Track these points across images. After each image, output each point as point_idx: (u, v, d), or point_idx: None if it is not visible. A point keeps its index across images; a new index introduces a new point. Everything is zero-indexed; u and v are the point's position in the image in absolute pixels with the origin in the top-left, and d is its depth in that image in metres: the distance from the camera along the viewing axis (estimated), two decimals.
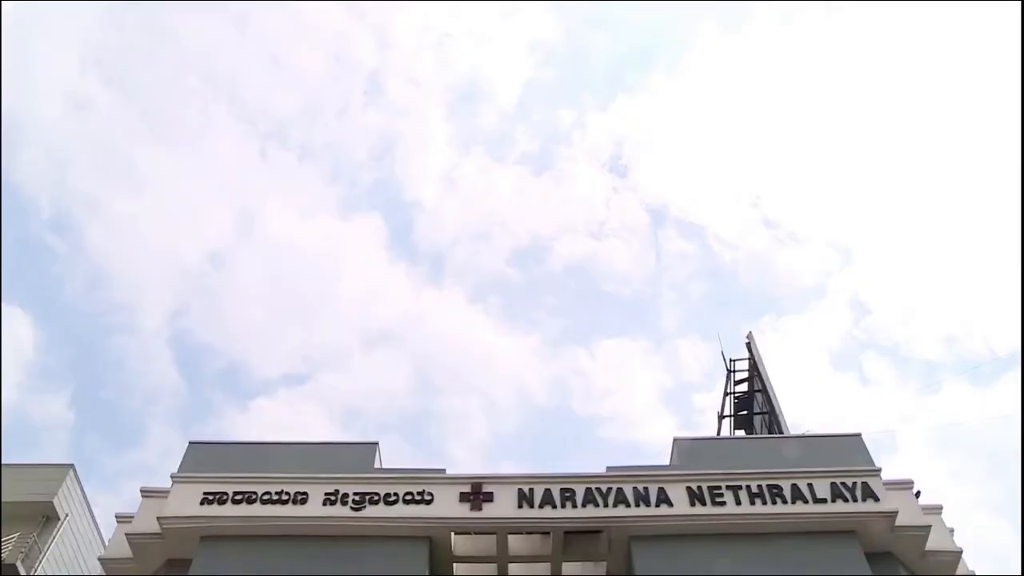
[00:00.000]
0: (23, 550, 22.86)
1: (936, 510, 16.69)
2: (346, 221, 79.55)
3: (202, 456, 16.77)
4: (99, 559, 16.86)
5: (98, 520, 26.64)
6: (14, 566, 22.35)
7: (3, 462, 23.72)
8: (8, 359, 57.85)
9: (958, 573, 15.96)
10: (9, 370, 58.39)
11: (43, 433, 67.34)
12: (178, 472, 16.24)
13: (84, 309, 73.33)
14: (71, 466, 25.16)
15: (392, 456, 17.53)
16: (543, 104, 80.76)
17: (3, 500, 22.67)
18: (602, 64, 77.74)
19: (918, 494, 16.44)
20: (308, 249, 71.86)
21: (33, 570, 22.97)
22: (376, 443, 17.16)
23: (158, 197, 66.44)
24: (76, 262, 71.71)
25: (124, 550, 15.86)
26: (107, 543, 17.75)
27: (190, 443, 17.17)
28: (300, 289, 73.99)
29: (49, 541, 23.75)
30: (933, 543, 15.62)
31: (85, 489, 25.88)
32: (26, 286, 64.64)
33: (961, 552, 16.09)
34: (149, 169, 66.00)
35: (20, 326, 62.64)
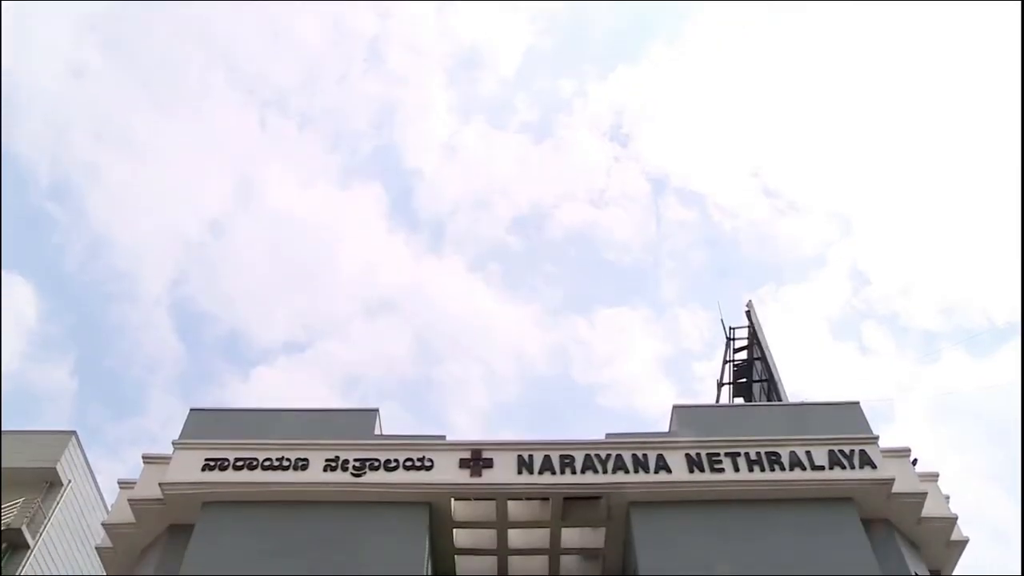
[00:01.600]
0: (28, 515, 23.12)
1: (932, 477, 16.80)
2: (346, 189, 79.39)
3: (203, 423, 16.83)
4: (102, 524, 16.96)
5: (101, 487, 26.92)
6: (19, 531, 22.62)
7: (7, 429, 23.91)
8: (10, 328, 58.05)
9: (953, 539, 16.13)
10: (11, 339, 58.61)
11: (46, 401, 67.78)
12: (179, 439, 16.29)
13: (85, 277, 73.49)
14: (73, 433, 25.38)
15: (392, 423, 17.58)
16: (544, 72, 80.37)
17: (7, 467, 22.90)
18: (603, 33, 77.13)
19: (915, 462, 16.53)
20: (308, 217, 71.82)
21: (38, 535, 23.23)
22: (376, 410, 17.19)
23: (157, 165, 66.37)
24: (76, 230, 71.71)
25: (127, 515, 15.99)
26: (110, 509, 17.85)
27: (191, 410, 17.22)
28: (300, 257, 74.07)
29: (53, 506, 24.02)
30: (929, 510, 15.74)
31: (88, 456, 26.11)
32: (27, 254, 64.68)
33: (956, 519, 16.23)
34: (148, 137, 65.85)
35: (22, 295, 62.82)
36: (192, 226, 72.03)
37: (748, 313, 26.93)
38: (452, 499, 15.49)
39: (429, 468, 15.50)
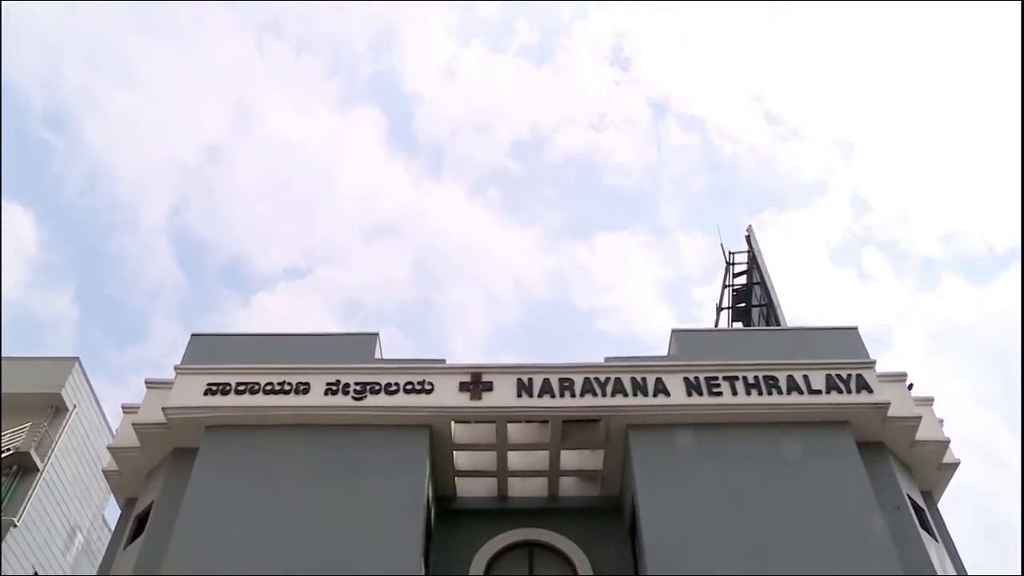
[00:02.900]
0: (35, 439, 23.42)
1: (927, 402, 16.98)
2: (345, 115, 78.52)
3: (205, 348, 16.91)
4: (108, 448, 17.18)
5: (106, 413, 27.23)
6: (28, 454, 22.93)
7: (11, 356, 24.08)
8: (10, 256, 58.06)
9: (944, 461, 16.36)
10: (12, 267, 58.65)
11: (49, 330, 68.19)
12: (181, 364, 16.38)
13: (84, 206, 73.21)
14: (76, 359, 25.55)
15: (392, 348, 17.62)
16: None
17: (13, 392, 23.14)
18: None
19: (911, 387, 16.66)
20: (307, 143, 71.18)
21: (46, 458, 23.57)
22: (376, 334, 17.24)
23: (154, 92, 65.44)
24: (74, 158, 71.14)
25: (132, 440, 16.21)
26: (115, 433, 18.06)
27: (192, 335, 17.28)
28: (299, 183, 73.64)
29: (59, 431, 24.33)
30: (922, 433, 15.95)
31: (92, 383, 26.32)
32: (25, 183, 64.27)
33: (948, 442, 16.45)
34: (143, 63, 64.78)
35: (21, 223, 62.63)
36: (190, 153, 71.51)
37: (748, 238, 26.83)
38: (452, 422, 15.62)
39: (429, 391, 15.61)
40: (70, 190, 72.53)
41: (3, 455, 22.46)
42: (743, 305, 26.80)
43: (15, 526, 22.17)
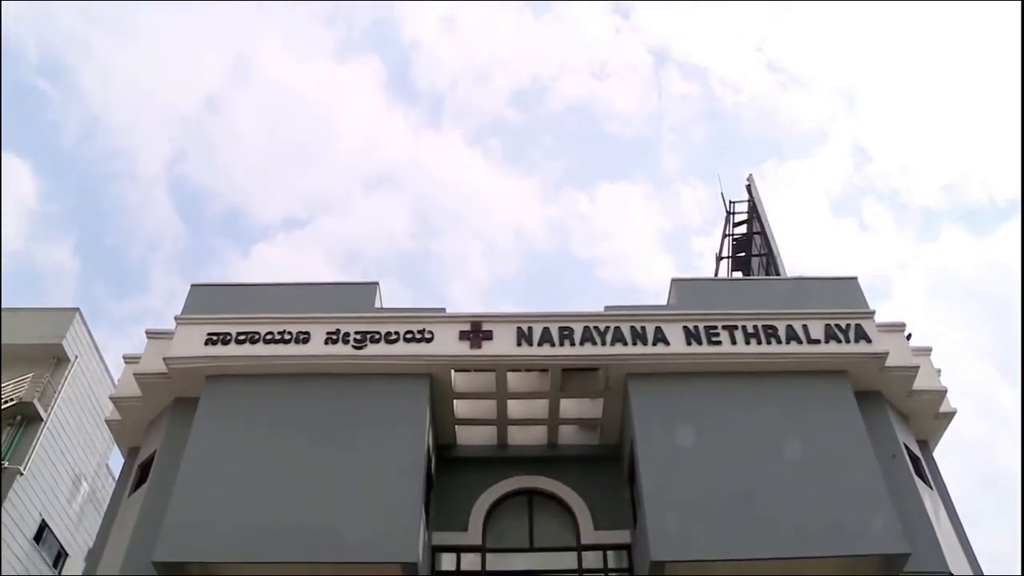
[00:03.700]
0: (38, 389, 23.54)
1: (925, 352, 17.00)
2: (343, 64, 77.69)
3: (205, 298, 16.90)
4: (110, 398, 17.27)
5: (107, 363, 27.34)
6: (32, 404, 23.07)
7: (12, 307, 24.10)
8: (9, 207, 57.82)
9: (941, 410, 16.44)
10: (11, 218, 58.47)
11: (50, 281, 68.26)
12: (181, 314, 16.39)
13: (82, 156, 72.79)
14: (76, 309, 25.58)
15: (392, 298, 17.67)
16: None
17: (14, 343, 23.21)
18: None
19: (909, 337, 16.68)
20: (305, 93, 70.51)
21: (49, 408, 23.73)
22: (376, 283, 17.20)
23: (150, 40, 64.66)
24: (70, 108, 70.56)
25: (133, 389, 16.29)
26: (116, 384, 18.13)
27: (192, 285, 17.25)
28: (298, 133, 73.13)
29: (62, 381, 24.44)
30: (920, 383, 16.03)
31: (94, 335, 26.40)
32: (22, 133, 63.78)
33: (945, 391, 16.52)
34: (138, 12, 63.85)
35: (20, 174, 62.29)
36: (188, 103, 70.90)
37: (749, 187, 26.66)
38: (452, 370, 15.68)
39: (429, 340, 15.62)
40: (67, 140, 72.14)
41: (7, 405, 22.60)
42: (743, 255, 26.74)
43: (21, 474, 22.40)
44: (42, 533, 23.78)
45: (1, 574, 21.29)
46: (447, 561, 14.95)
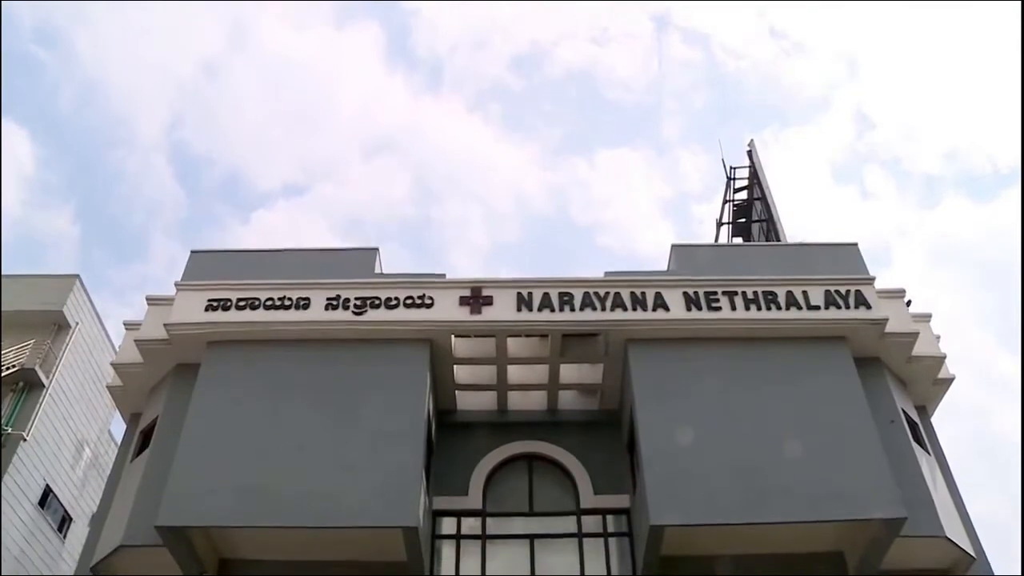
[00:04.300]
0: (40, 356, 23.60)
1: (925, 318, 17.00)
2: (342, 30, 76.98)
3: (205, 264, 16.90)
4: (111, 364, 17.32)
5: (108, 330, 27.41)
6: (33, 370, 23.15)
7: (12, 274, 24.10)
8: (8, 174, 57.61)
9: (940, 376, 16.49)
10: (10, 185, 58.28)
11: (50, 248, 68.20)
12: (181, 280, 16.40)
13: (80, 123, 72.39)
14: (77, 276, 25.59)
15: (392, 264, 17.60)
16: None
17: (14, 309, 23.23)
18: None
19: (909, 303, 16.68)
20: (304, 59, 69.97)
21: (51, 374, 23.81)
22: (376, 249, 17.18)
23: (146, 6, 63.91)
24: (67, 75, 70.04)
25: (134, 356, 16.34)
26: (117, 350, 18.17)
27: (192, 252, 17.25)
28: (297, 99, 72.66)
29: (63, 348, 24.50)
30: (919, 349, 16.05)
31: (94, 302, 26.42)
32: (19, 101, 63.33)
33: (944, 357, 16.55)
34: None
35: (18, 142, 62.00)
36: (186, 68, 70.36)
37: (750, 153, 26.50)
38: (452, 336, 15.71)
39: (429, 306, 15.63)
40: (65, 107, 71.69)
41: (8, 371, 22.68)
42: (743, 221, 26.63)
43: (24, 440, 22.53)
44: (46, 498, 23.98)
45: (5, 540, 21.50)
46: (447, 525, 15.06)
